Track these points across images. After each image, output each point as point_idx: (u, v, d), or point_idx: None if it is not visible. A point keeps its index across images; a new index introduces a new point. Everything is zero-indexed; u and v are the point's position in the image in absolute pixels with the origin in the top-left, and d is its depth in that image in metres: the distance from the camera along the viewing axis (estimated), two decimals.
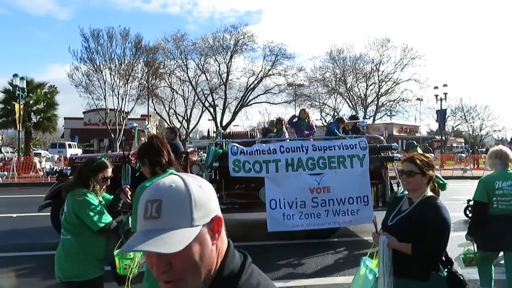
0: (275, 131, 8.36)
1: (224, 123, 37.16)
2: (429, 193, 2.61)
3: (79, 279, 2.77)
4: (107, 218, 2.86)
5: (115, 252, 2.85)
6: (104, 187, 3.03)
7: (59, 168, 7.86)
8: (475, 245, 4.23)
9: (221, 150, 7.02)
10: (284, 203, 6.78)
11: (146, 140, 2.96)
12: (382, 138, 7.83)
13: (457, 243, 6.95)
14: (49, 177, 15.54)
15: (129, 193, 3.16)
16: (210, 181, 6.97)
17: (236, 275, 0.96)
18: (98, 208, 2.84)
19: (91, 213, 2.77)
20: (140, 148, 2.80)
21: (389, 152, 7.57)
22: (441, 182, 2.45)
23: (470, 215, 9.02)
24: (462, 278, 2.46)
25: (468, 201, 9.23)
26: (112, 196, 3.20)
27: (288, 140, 7.45)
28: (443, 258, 2.52)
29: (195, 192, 0.93)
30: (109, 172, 3.03)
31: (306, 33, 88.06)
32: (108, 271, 2.99)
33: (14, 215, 9.00)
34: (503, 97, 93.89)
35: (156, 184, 0.97)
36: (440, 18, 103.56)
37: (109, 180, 3.04)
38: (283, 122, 7.98)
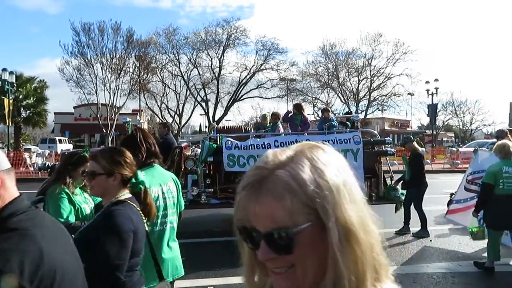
0: (269, 125, 8.34)
1: (216, 118, 37.06)
2: (125, 196, 2.05)
3: None
4: (69, 217, 2.79)
5: None
6: (84, 181, 2.93)
7: (51, 164, 7.77)
8: (481, 220, 5.42)
9: (215, 145, 6.99)
10: None
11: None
12: (375, 132, 7.86)
13: (443, 237, 7.05)
14: (40, 172, 15.36)
15: None
16: (204, 175, 6.95)
17: (12, 214, 1.12)
18: (66, 206, 2.81)
19: (55, 210, 2.77)
20: (122, 141, 2.76)
21: (383, 147, 7.61)
22: (134, 181, 2.08)
23: None
24: None
25: (451, 194, 9.17)
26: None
27: (283, 135, 7.44)
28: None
29: None
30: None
31: (299, 28, 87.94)
32: None
33: None
34: (493, 91, 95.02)
35: None
36: (432, 12, 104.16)
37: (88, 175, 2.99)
38: (278, 116, 7.95)
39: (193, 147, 9.19)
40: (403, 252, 6.14)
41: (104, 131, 30.55)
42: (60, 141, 32.78)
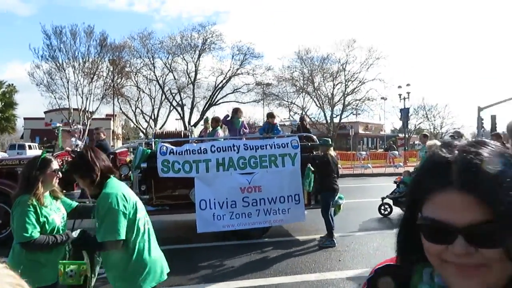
0: (210, 129, 8.29)
1: (192, 122, 36.88)
2: None
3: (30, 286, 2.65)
4: (33, 233, 2.65)
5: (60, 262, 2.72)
6: (56, 181, 2.87)
7: None
8: None
9: (149, 150, 6.89)
10: (214, 203, 6.72)
11: (79, 150, 2.83)
12: (314, 137, 7.88)
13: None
14: None
15: None
16: (139, 182, 6.85)
17: None
18: (32, 220, 2.65)
19: (21, 224, 2.62)
20: (72, 162, 2.70)
21: None
22: None
23: (384, 213, 9.07)
24: None
25: (382, 199, 9.10)
26: (74, 203, 3.12)
27: (222, 140, 7.39)
28: None
29: None
30: (56, 164, 2.87)
31: (274, 33, 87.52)
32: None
33: None
34: (461, 96, 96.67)
35: None
36: (403, 19, 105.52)
37: (59, 172, 2.89)
38: (218, 120, 7.90)
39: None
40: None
41: (76, 136, 30.04)
42: (30, 147, 31.98)
